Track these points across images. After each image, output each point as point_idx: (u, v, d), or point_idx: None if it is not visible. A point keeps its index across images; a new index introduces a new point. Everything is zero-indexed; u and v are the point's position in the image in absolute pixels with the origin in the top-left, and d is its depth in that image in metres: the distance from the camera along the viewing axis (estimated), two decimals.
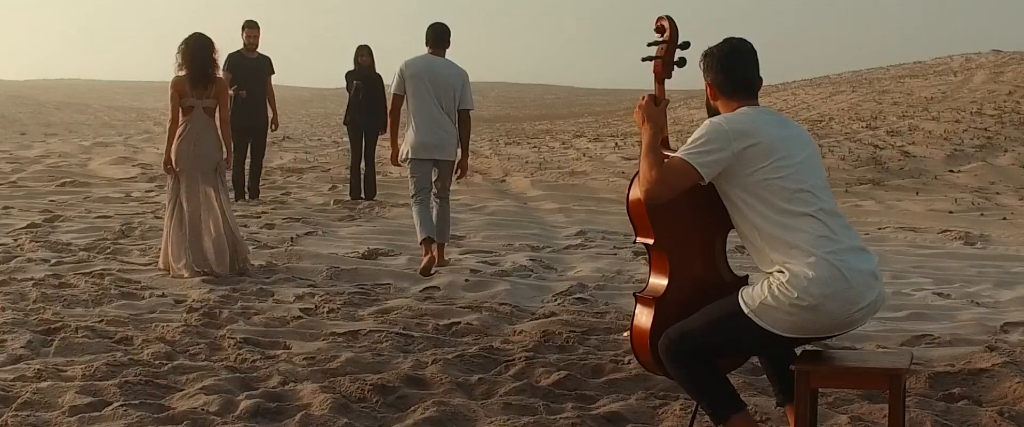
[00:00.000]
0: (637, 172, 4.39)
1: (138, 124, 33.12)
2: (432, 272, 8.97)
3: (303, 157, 20.02)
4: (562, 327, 7.00)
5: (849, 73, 50.61)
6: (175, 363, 5.81)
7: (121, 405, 4.92)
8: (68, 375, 5.59)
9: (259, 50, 13.84)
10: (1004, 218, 13.82)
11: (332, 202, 14.19)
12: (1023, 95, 27.20)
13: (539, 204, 14.84)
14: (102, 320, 6.88)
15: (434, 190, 9.46)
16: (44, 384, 5.33)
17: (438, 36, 9.52)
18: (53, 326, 6.67)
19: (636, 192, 4.28)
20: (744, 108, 4.19)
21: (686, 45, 4.44)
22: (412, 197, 9.37)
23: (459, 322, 7.18)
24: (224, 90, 9.29)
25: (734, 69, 4.23)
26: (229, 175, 9.58)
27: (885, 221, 13.79)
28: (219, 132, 9.17)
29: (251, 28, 13.71)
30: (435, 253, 9.09)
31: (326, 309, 7.56)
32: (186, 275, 8.66)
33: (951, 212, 14.34)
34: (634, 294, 4.43)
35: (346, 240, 11.07)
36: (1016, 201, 15.25)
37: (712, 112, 4.41)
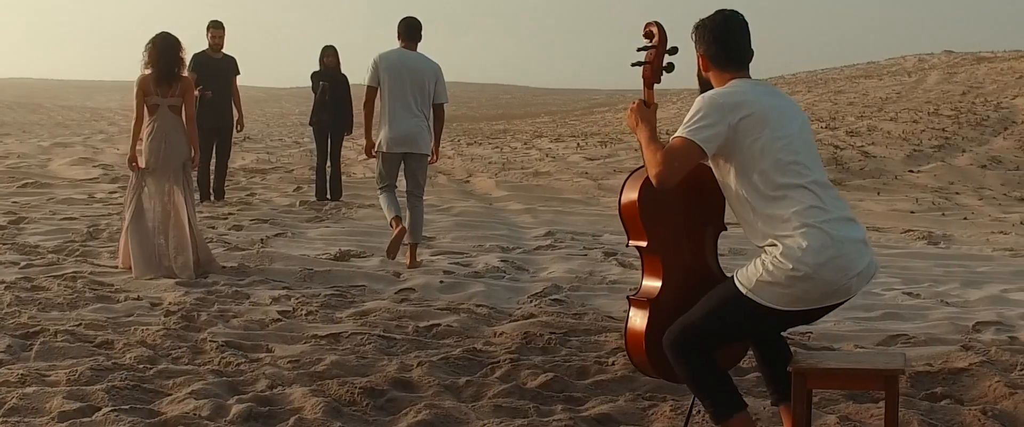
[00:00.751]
0: (628, 177, 4.43)
1: (92, 124, 32.82)
2: (401, 247, 9.37)
3: (265, 158, 19.93)
4: (542, 328, 7.02)
5: (804, 73, 51.07)
6: (159, 367, 5.77)
7: (112, 410, 4.88)
8: (52, 380, 5.53)
9: (223, 50, 13.75)
10: (965, 218, 14.02)
11: (298, 203, 14.13)
12: (977, 96, 27.62)
13: (505, 204, 14.87)
14: (80, 324, 6.82)
15: (408, 188, 9.65)
16: (29, 389, 5.27)
17: (410, 30, 9.64)
18: (31, 330, 6.61)
19: (629, 195, 4.32)
20: (736, 81, 4.21)
21: (674, 50, 4.48)
22: (379, 187, 9.66)
23: (439, 324, 7.19)
24: (189, 89, 9.28)
25: (727, 40, 4.24)
26: (194, 175, 9.58)
27: None
28: (186, 130, 9.17)
29: (216, 28, 13.62)
30: (405, 229, 9.39)
31: (304, 311, 7.54)
32: (149, 276, 8.63)
33: (913, 212, 14.52)
34: (627, 296, 4.46)
35: (316, 242, 11.03)
36: (976, 201, 15.47)
37: (703, 85, 4.42)
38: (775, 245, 4.02)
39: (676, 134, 4.10)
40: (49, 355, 6.09)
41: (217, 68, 13.53)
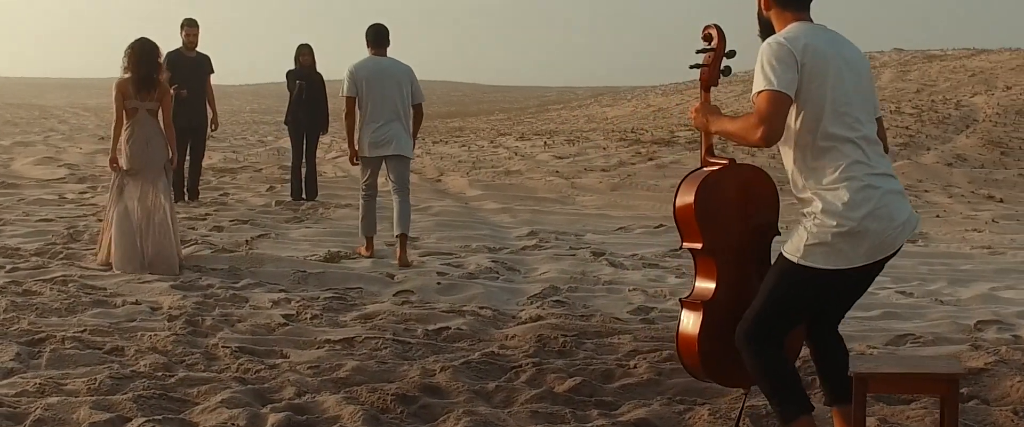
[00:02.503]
0: (683, 181, 4.41)
1: (42, 122, 32.26)
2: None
3: (232, 157, 19.70)
4: (553, 331, 6.97)
5: None
6: (180, 375, 5.66)
7: (146, 420, 4.77)
8: (71, 389, 5.40)
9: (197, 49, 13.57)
10: (937, 216, 14.14)
11: (274, 203, 13.98)
12: (932, 94, 27.90)
13: (481, 204, 14.80)
14: (84, 330, 6.68)
15: (393, 186, 9.93)
16: (52, 399, 5.14)
17: (378, 36, 10.06)
18: (36, 337, 6.46)
19: (685, 198, 4.30)
20: (798, 23, 4.17)
21: (732, 54, 4.46)
22: (361, 190, 10.07)
23: (448, 327, 7.12)
24: (166, 92, 9.52)
25: None
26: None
27: None
28: (164, 133, 9.36)
29: (190, 26, 13.42)
30: (373, 251, 9.94)
31: (309, 315, 7.44)
32: (128, 270, 8.80)
33: None
34: (680, 299, 4.43)
35: (300, 243, 10.91)
36: (945, 198, 15.62)
37: (763, 26, 4.34)
38: (813, 201, 4.05)
39: (756, 90, 4.01)
40: (61, 363, 5.95)
41: (191, 67, 13.33)
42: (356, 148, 9.90)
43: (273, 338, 6.75)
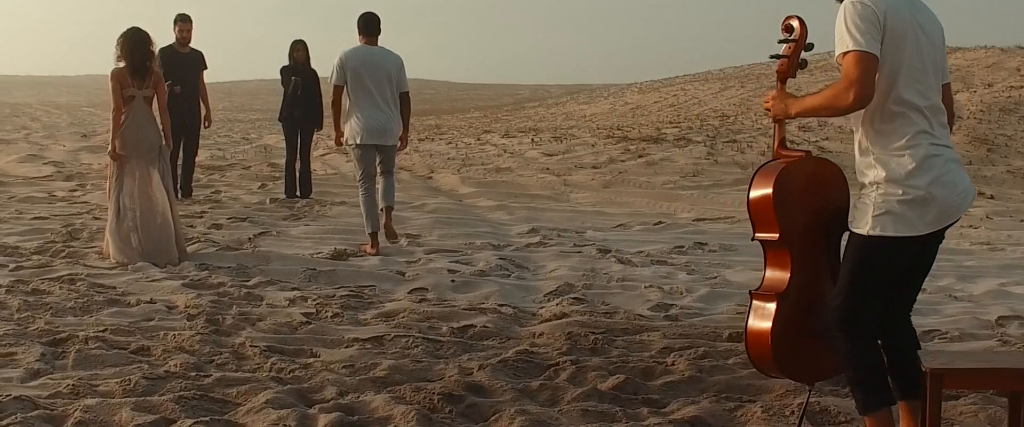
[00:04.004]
0: (757, 172, 4.35)
1: (14, 120, 31.92)
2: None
3: (218, 154, 19.52)
4: (581, 328, 6.89)
5: (730, 69, 51.53)
6: (215, 375, 5.53)
7: (194, 422, 4.65)
8: (105, 390, 5.27)
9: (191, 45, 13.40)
10: None
11: (268, 201, 13.83)
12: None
13: (475, 201, 14.71)
14: (105, 329, 6.53)
15: (381, 169, 10.18)
16: (90, 401, 5.01)
17: (369, 25, 10.22)
18: (58, 337, 6.32)
19: (762, 188, 4.24)
20: None
21: (810, 46, 4.40)
22: (359, 182, 10.11)
23: (473, 325, 7.03)
24: (160, 81, 9.69)
25: None
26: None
27: None
28: (159, 118, 9.58)
29: (183, 22, 13.25)
30: (379, 247, 9.96)
31: (329, 314, 7.32)
32: (123, 261, 8.99)
33: None
34: (749, 292, 4.37)
35: (303, 240, 10.78)
36: None
37: None
38: (876, 168, 4.06)
39: (842, 50, 3.97)
40: (88, 363, 5.82)
41: (184, 63, 13.16)
42: (343, 132, 10.12)
43: (299, 337, 6.63)
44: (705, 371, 5.81)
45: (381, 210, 10.16)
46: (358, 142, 9.96)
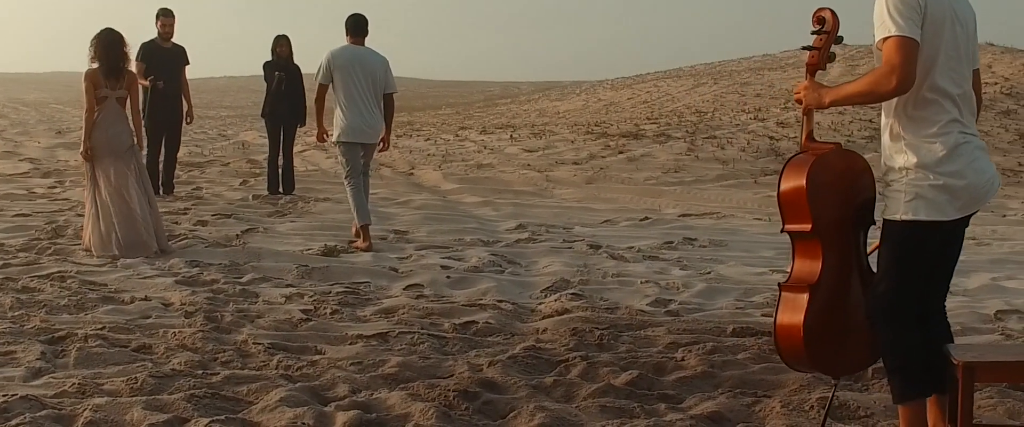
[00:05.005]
0: (787, 164, 4.31)
1: None
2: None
3: (196, 150, 19.33)
4: (585, 324, 6.84)
5: (702, 65, 51.62)
6: (224, 373, 5.43)
7: (210, 421, 4.56)
8: (111, 389, 5.17)
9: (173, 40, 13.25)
10: None
11: (251, 197, 13.70)
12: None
13: (460, 197, 14.63)
14: (103, 327, 6.42)
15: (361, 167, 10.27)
16: (98, 400, 4.90)
17: (358, 26, 10.41)
18: (56, 335, 6.20)
19: (795, 180, 4.22)
20: None
21: (840, 40, 4.37)
22: (346, 178, 10.23)
23: (475, 321, 6.95)
24: (134, 81, 9.77)
25: None
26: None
27: None
28: (131, 119, 9.62)
29: (166, 16, 13.09)
30: (371, 242, 9.99)
31: (327, 310, 7.23)
32: (105, 255, 9.05)
33: None
34: (779, 284, 4.32)
35: (291, 237, 10.67)
36: None
37: None
38: (906, 153, 4.06)
39: (882, 36, 3.95)
40: (90, 362, 5.71)
41: (167, 58, 13.02)
42: (327, 129, 10.48)
43: (301, 334, 6.54)
44: (717, 366, 5.77)
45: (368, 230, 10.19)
46: (345, 140, 10.11)
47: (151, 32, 13.12)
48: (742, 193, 15.73)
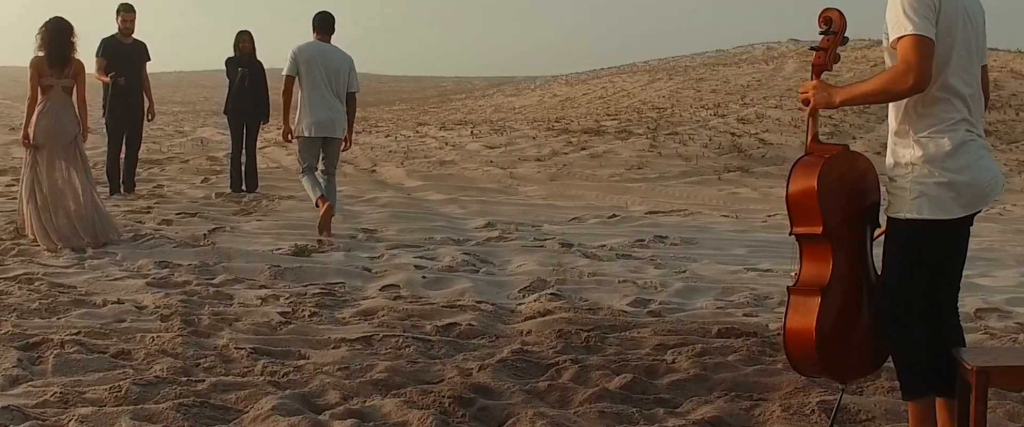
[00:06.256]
0: (796, 165, 4.25)
1: None
2: (330, 225, 10.33)
3: (154, 147, 19.02)
4: (569, 325, 6.75)
5: (655, 61, 51.75)
6: (210, 380, 5.28)
7: None
8: (95, 398, 5.00)
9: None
10: None
11: (214, 195, 13.51)
12: (834, 83, 28.26)
13: (425, 195, 14.52)
14: (78, 332, 6.23)
15: (321, 168, 10.45)
16: (83, 410, 4.74)
17: (325, 23, 10.62)
18: (31, 341, 6.01)
19: (805, 181, 4.15)
20: None
21: (845, 41, 4.32)
22: (301, 171, 10.53)
23: (457, 323, 6.84)
24: (81, 71, 9.73)
25: None
26: (103, 162, 10.05)
27: (768, 208, 14.05)
28: (77, 109, 9.64)
29: (127, 12, 12.85)
30: (330, 208, 10.30)
31: (306, 313, 7.09)
32: (49, 247, 9.10)
33: None
34: (787, 288, 4.25)
35: (260, 236, 10.51)
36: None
37: None
38: (913, 148, 4.03)
39: (898, 34, 3.91)
40: (69, 369, 5.53)
41: (128, 54, 12.80)
42: (292, 127, 10.48)
43: (282, 337, 6.40)
44: (709, 369, 5.70)
45: (326, 200, 10.28)
46: (306, 135, 10.32)
47: (102, 26, 12.91)
48: (707, 190, 15.74)
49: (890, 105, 4.15)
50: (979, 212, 4.26)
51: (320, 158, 10.48)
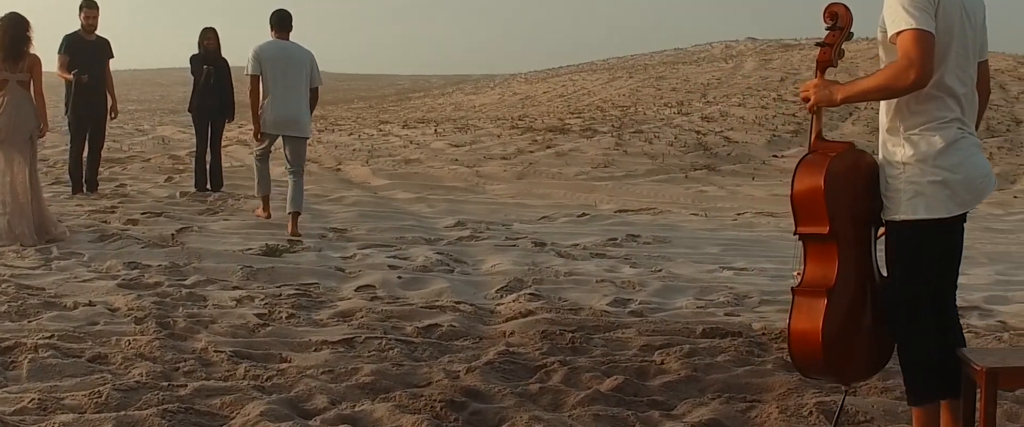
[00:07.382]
0: (800, 165, 4.17)
1: None
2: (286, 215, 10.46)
3: (114, 145, 18.70)
4: (552, 326, 6.66)
5: (614, 59, 51.83)
6: (193, 385, 5.14)
7: None
8: (74, 404, 4.84)
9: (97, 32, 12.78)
10: None
11: (178, 194, 13.30)
12: (796, 81, 28.43)
13: (392, 193, 14.39)
14: (51, 335, 6.06)
15: (290, 167, 10.45)
16: (63, 417, 4.59)
17: (282, 21, 10.71)
18: (2, 345, 5.83)
19: (811, 180, 4.06)
20: None
21: (850, 36, 4.24)
22: (256, 157, 10.85)
23: (438, 324, 6.74)
24: (37, 65, 9.65)
25: None
26: (64, 160, 10.00)
27: (736, 206, 14.03)
28: (35, 104, 9.59)
29: (90, 8, 12.62)
30: (271, 212, 10.79)
31: (283, 314, 6.95)
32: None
33: None
34: (792, 289, 4.17)
35: (228, 236, 10.34)
36: None
37: None
38: (904, 147, 4.00)
39: (897, 29, 3.85)
40: (44, 374, 5.37)
41: (91, 51, 12.57)
42: (260, 126, 10.53)
43: (262, 340, 6.26)
44: (699, 370, 5.63)
45: (289, 214, 10.35)
46: (266, 130, 10.50)
47: (64, 24, 12.69)
48: (674, 188, 15.71)
49: (882, 103, 4.10)
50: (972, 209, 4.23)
51: (272, 148, 10.73)
